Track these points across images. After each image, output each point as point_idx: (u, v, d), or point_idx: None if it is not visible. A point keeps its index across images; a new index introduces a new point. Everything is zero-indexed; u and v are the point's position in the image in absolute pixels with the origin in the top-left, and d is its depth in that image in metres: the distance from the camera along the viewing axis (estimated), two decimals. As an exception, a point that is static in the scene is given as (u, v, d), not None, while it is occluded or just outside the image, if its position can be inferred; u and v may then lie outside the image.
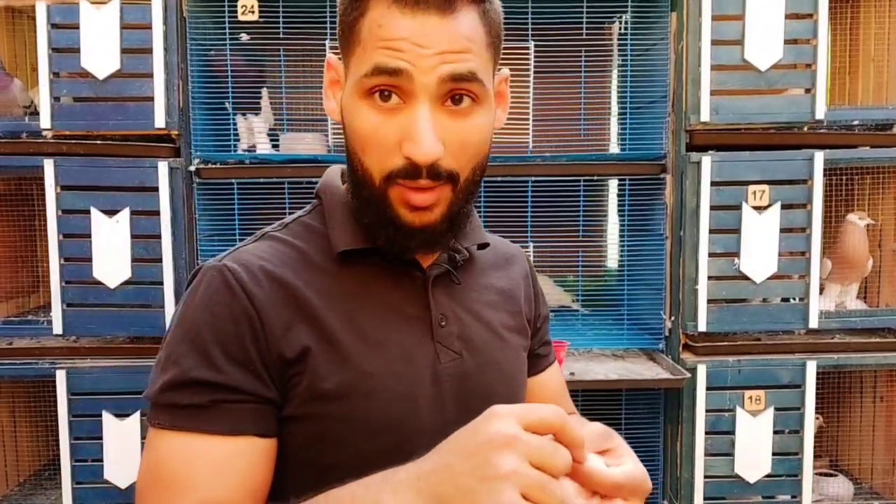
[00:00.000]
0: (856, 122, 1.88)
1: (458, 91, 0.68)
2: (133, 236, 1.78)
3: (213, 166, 1.85)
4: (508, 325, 0.86)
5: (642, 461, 0.63)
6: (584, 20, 1.91)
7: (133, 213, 1.78)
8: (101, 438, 1.77)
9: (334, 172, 0.85)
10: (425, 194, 0.69)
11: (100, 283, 1.78)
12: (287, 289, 0.72)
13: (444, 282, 0.81)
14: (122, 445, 1.77)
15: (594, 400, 1.88)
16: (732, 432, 1.84)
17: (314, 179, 0.88)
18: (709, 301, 1.84)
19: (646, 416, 2.00)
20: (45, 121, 1.78)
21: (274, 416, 0.71)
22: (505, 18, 0.74)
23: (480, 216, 0.99)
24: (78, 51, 1.76)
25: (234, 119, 1.93)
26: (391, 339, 0.74)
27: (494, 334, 0.83)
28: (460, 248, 0.83)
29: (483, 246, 0.88)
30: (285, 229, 0.80)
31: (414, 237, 0.72)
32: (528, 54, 1.91)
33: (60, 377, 1.77)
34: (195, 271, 0.74)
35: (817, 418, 1.94)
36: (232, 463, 0.67)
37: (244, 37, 1.90)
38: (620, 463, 0.61)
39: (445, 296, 0.80)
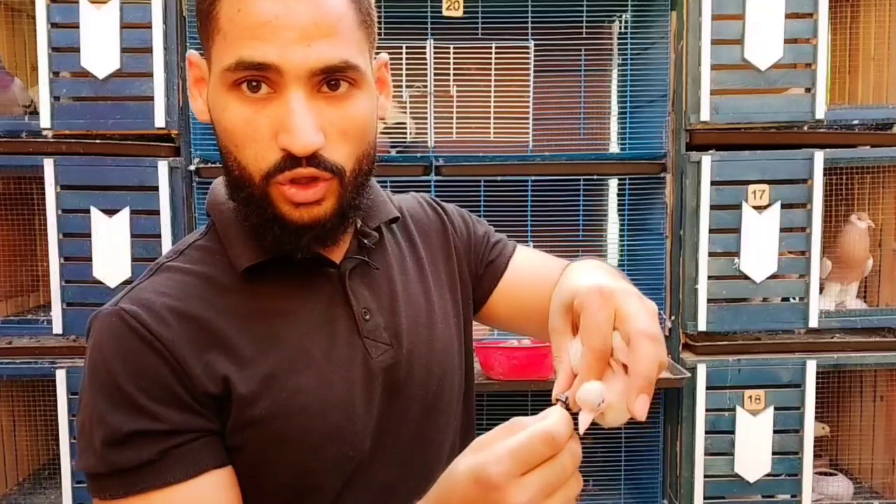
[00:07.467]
0: (856, 122, 1.88)
1: (333, 77, 0.63)
2: (133, 236, 1.78)
3: (213, 165, 1.85)
4: (432, 291, 0.82)
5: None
6: (584, 19, 1.90)
7: (133, 212, 1.78)
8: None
9: (219, 186, 0.76)
10: (310, 190, 0.64)
11: (100, 282, 1.78)
12: (197, 322, 0.67)
13: (361, 272, 0.76)
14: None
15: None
16: (732, 432, 1.84)
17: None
18: (709, 300, 1.84)
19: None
20: (44, 120, 1.78)
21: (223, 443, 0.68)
22: (505, 18, 0.74)
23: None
24: (78, 50, 1.76)
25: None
26: (317, 347, 0.70)
27: (420, 310, 0.79)
28: (369, 232, 0.77)
29: (393, 220, 0.82)
30: (181, 257, 0.73)
31: (304, 234, 0.66)
32: (528, 53, 1.90)
33: (60, 376, 1.77)
34: (90, 321, 0.68)
35: (823, 427, 1.94)
36: (204, 502, 0.64)
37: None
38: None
39: (365, 287, 0.75)
